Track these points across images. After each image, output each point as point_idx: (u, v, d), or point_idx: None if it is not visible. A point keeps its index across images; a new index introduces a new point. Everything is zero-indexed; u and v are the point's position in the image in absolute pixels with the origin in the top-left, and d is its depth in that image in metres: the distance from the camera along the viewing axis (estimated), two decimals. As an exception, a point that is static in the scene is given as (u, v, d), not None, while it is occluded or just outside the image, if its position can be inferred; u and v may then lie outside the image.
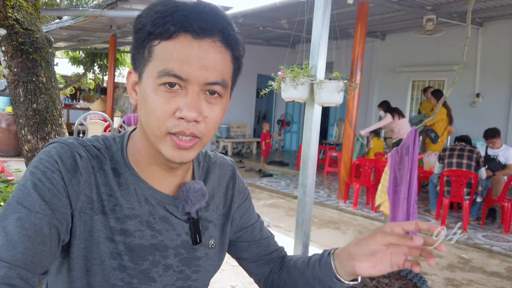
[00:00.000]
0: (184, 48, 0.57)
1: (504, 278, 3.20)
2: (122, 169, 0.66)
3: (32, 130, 2.72)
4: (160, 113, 0.58)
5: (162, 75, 0.57)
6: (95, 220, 0.62)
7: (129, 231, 0.64)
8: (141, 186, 0.66)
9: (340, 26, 6.11)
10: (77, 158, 0.61)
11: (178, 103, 0.58)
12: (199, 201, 0.70)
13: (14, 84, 2.69)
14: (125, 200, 0.64)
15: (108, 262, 0.62)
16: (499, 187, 4.52)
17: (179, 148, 0.60)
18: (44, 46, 2.75)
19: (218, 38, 0.59)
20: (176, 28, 0.56)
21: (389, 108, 5.95)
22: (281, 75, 2.56)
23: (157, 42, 0.58)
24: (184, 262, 0.70)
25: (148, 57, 0.59)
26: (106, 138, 0.68)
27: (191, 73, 0.57)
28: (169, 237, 0.68)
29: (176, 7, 0.57)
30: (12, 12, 2.66)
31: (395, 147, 2.43)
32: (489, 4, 5.90)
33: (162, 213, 0.67)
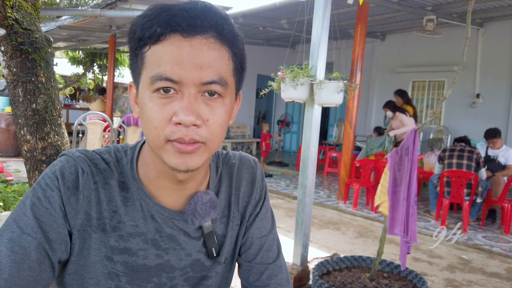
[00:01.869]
0: (174, 49, 0.53)
1: (504, 279, 3.19)
2: (130, 183, 0.63)
3: (31, 130, 2.72)
4: (156, 121, 0.55)
5: (155, 81, 0.54)
6: (93, 238, 0.59)
7: (132, 250, 0.61)
8: (148, 202, 0.62)
9: (340, 27, 6.11)
10: (79, 174, 0.59)
11: (174, 108, 0.54)
12: (208, 214, 0.64)
13: (13, 84, 2.68)
14: (129, 217, 0.61)
15: (104, 283, 0.60)
16: (499, 188, 4.51)
17: (182, 153, 0.55)
18: (43, 46, 2.74)
19: (211, 34, 0.55)
20: (163, 29, 0.53)
21: (396, 107, 5.95)
22: (281, 76, 2.55)
23: (147, 48, 0.55)
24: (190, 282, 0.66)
25: (141, 65, 0.56)
26: (118, 150, 0.65)
27: (184, 74, 0.53)
28: (177, 256, 0.64)
29: (163, 8, 0.54)
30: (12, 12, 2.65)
31: (395, 148, 2.42)
32: (489, 4, 5.89)
33: (169, 231, 0.63)
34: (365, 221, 4.69)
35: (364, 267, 2.70)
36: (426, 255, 3.65)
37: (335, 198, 5.66)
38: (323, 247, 3.67)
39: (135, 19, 0.57)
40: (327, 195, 5.84)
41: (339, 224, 4.50)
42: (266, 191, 0.77)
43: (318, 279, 2.36)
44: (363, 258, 2.74)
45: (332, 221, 4.63)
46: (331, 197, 5.75)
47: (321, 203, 5.32)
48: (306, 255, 2.77)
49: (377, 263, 2.47)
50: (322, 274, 2.58)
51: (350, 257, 2.75)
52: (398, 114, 5.85)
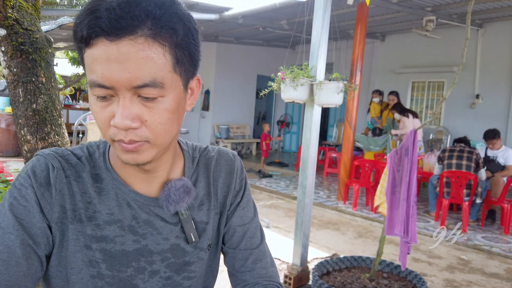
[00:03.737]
0: (102, 54, 0.51)
1: (503, 280, 3.19)
2: (104, 174, 0.65)
3: (31, 130, 2.72)
4: (100, 122, 0.57)
5: (91, 87, 0.54)
6: (70, 229, 0.61)
7: (109, 237, 0.63)
8: (123, 190, 0.65)
9: (340, 27, 6.12)
10: (50, 170, 0.61)
11: (113, 110, 0.55)
12: (182, 199, 0.66)
13: (13, 84, 2.69)
14: (104, 206, 0.63)
15: (86, 271, 0.62)
16: (499, 188, 4.52)
17: (128, 151, 0.57)
18: (44, 46, 2.75)
19: (141, 33, 0.51)
20: (88, 34, 0.51)
21: (403, 109, 5.97)
22: (281, 76, 2.56)
23: (84, 51, 0.54)
24: (172, 268, 0.67)
25: (84, 66, 0.56)
26: (91, 146, 0.68)
27: (113, 80, 0.52)
28: (154, 241, 0.65)
29: (89, 9, 0.51)
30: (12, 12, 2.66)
31: (394, 148, 2.43)
32: (489, 5, 5.90)
33: (145, 216, 0.65)
34: (365, 221, 4.69)
35: (363, 267, 2.70)
36: (425, 255, 3.66)
37: (334, 199, 5.66)
38: (323, 248, 3.67)
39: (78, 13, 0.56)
40: (327, 196, 5.84)
41: (338, 225, 4.50)
42: (246, 182, 0.78)
43: (318, 279, 2.37)
44: (362, 259, 2.74)
45: (331, 221, 4.63)
46: (331, 197, 5.76)
47: (321, 203, 5.33)
48: (306, 255, 2.77)
49: (377, 263, 2.47)
50: (322, 274, 2.58)
51: (349, 257, 2.75)
52: (401, 116, 5.89)
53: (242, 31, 8.16)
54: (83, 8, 0.53)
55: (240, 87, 10.11)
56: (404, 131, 5.76)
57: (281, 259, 3.33)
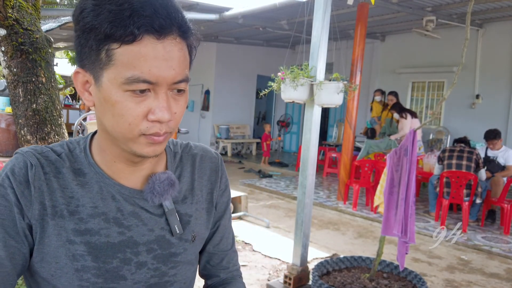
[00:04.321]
0: (150, 51, 0.54)
1: (503, 280, 3.19)
2: (86, 169, 0.66)
3: (31, 130, 2.72)
4: (131, 118, 0.57)
5: (131, 82, 0.55)
6: (51, 225, 0.62)
7: (94, 229, 0.63)
8: (107, 183, 0.66)
9: (340, 27, 6.12)
10: (28, 167, 0.62)
11: (149, 105, 0.57)
12: (167, 191, 0.68)
13: (13, 84, 2.69)
14: (87, 199, 0.64)
15: (70, 265, 0.62)
16: (499, 189, 4.52)
17: (153, 144, 0.60)
18: (43, 46, 2.75)
19: (177, 33, 0.57)
20: (139, 31, 0.53)
21: (402, 109, 5.97)
22: (281, 76, 2.56)
23: (117, 46, 0.54)
24: (159, 260, 0.68)
25: (108, 61, 0.55)
26: (71, 142, 0.69)
27: (160, 76, 0.56)
28: (139, 232, 0.66)
29: (132, 6, 0.53)
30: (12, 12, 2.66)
31: (394, 148, 2.42)
32: (489, 5, 5.91)
33: (131, 208, 0.66)
34: (365, 221, 4.69)
35: (363, 267, 2.70)
36: (425, 255, 3.66)
37: (334, 199, 5.66)
38: (323, 248, 3.67)
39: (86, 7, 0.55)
40: (327, 196, 5.84)
41: (338, 225, 4.51)
42: (228, 186, 0.83)
43: (317, 279, 2.37)
44: (362, 259, 2.74)
45: (331, 221, 4.63)
46: (331, 197, 5.76)
47: (321, 203, 5.33)
48: (306, 256, 2.77)
49: (377, 263, 2.47)
50: (322, 274, 2.58)
51: (349, 257, 2.75)
52: (400, 118, 5.90)
53: (242, 31, 8.17)
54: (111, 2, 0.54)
55: (240, 87, 10.11)
56: (402, 132, 5.77)
57: (281, 259, 3.33)
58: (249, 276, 2.97)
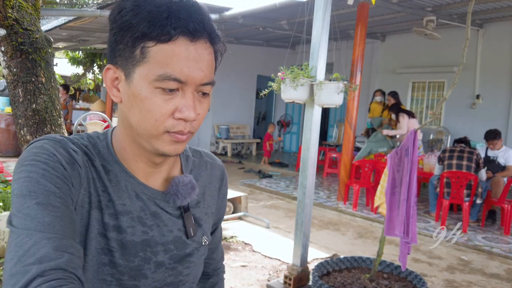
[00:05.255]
0: (183, 52, 0.58)
1: (503, 280, 3.19)
2: (111, 166, 0.66)
3: (31, 130, 2.71)
4: (158, 114, 0.59)
5: (162, 79, 0.57)
6: (92, 215, 0.62)
7: (122, 227, 0.64)
8: (132, 182, 0.66)
9: (340, 27, 6.12)
10: (72, 153, 0.60)
11: (176, 104, 0.59)
12: (189, 194, 0.70)
13: (13, 84, 2.68)
14: (117, 196, 0.65)
15: (98, 258, 0.62)
16: (499, 189, 4.52)
17: (176, 142, 0.62)
18: (43, 46, 2.74)
19: (207, 38, 0.60)
20: (176, 32, 0.57)
21: (399, 110, 5.97)
22: (281, 76, 2.55)
23: (152, 44, 0.57)
24: (175, 259, 0.70)
25: (141, 58, 0.58)
26: (90, 136, 0.68)
27: (189, 76, 0.58)
28: (160, 232, 0.68)
29: (170, 9, 0.57)
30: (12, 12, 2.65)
31: (395, 149, 2.42)
32: (489, 5, 5.90)
33: (153, 208, 0.68)
34: (365, 222, 4.69)
35: (364, 267, 2.70)
36: (426, 256, 3.65)
37: (334, 199, 5.66)
38: (323, 248, 3.67)
39: (126, 6, 0.58)
40: (327, 196, 5.84)
41: (338, 225, 4.50)
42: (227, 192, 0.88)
43: (318, 279, 2.36)
44: (363, 259, 2.74)
45: (332, 221, 4.62)
46: (331, 197, 5.75)
47: (321, 203, 5.32)
48: (306, 256, 2.77)
49: (377, 263, 2.47)
50: (322, 274, 2.58)
51: (350, 257, 2.75)
52: (398, 116, 5.90)
53: (242, 31, 8.16)
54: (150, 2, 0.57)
55: (240, 87, 10.11)
56: (400, 131, 5.77)
57: (281, 259, 3.32)
58: (249, 276, 2.97)
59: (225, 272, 0.93)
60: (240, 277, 2.94)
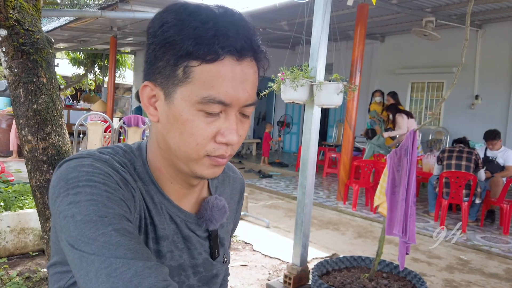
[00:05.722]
0: (229, 72, 0.53)
1: (503, 280, 3.20)
2: (148, 186, 0.62)
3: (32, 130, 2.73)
4: (200, 138, 0.55)
5: (206, 102, 0.53)
6: None
7: (162, 252, 0.62)
8: (166, 204, 0.64)
9: (339, 28, 6.13)
10: (122, 173, 0.57)
11: (219, 127, 0.55)
12: (222, 219, 0.69)
13: (14, 84, 2.70)
14: (158, 220, 0.62)
15: None
16: (498, 189, 4.53)
17: (216, 166, 0.59)
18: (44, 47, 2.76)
19: (252, 56, 0.56)
20: (224, 52, 0.52)
21: (397, 110, 5.99)
22: (281, 77, 2.57)
23: (197, 64, 0.53)
24: (204, 281, 0.69)
25: (184, 78, 0.54)
26: (125, 152, 0.63)
27: (235, 98, 0.55)
28: (190, 255, 0.66)
29: (217, 26, 0.53)
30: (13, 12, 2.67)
31: (394, 149, 2.43)
32: (488, 6, 5.92)
33: (186, 232, 0.66)
34: (364, 221, 4.70)
35: (363, 267, 2.71)
36: (425, 255, 3.67)
37: (334, 199, 5.67)
38: (323, 248, 3.68)
39: (169, 21, 0.54)
40: (327, 196, 5.85)
41: (338, 225, 4.51)
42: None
43: (317, 279, 2.38)
44: (362, 259, 2.75)
45: (331, 221, 4.64)
46: (331, 197, 5.77)
47: (321, 203, 5.34)
48: (305, 255, 2.78)
49: (376, 263, 2.48)
50: (322, 274, 2.59)
51: (349, 257, 2.76)
52: (396, 117, 5.91)
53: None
54: (197, 19, 0.53)
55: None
56: (400, 131, 5.78)
57: (281, 259, 3.33)
58: (249, 276, 2.98)
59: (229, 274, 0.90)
60: (240, 276, 2.96)
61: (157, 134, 0.61)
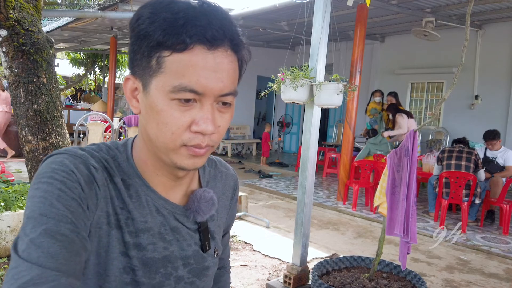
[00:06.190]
0: (200, 61, 0.54)
1: (502, 280, 3.21)
2: (131, 180, 0.63)
3: (32, 130, 2.73)
4: (175, 127, 0.56)
5: (178, 91, 0.54)
6: (111, 236, 0.60)
7: (142, 245, 0.62)
8: (152, 197, 0.64)
9: (339, 29, 6.14)
10: (92, 171, 0.58)
11: (193, 116, 0.56)
12: (210, 211, 0.69)
13: (15, 84, 2.70)
14: (138, 213, 0.62)
15: (120, 278, 0.61)
16: (498, 189, 4.53)
17: (194, 156, 0.59)
18: (45, 47, 2.76)
19: (229, 46, 0.57)
20: (192, 40, 0.53)
21: (397, 110, 5.99)
22: (281, 77, 2.57)
23: (168, 53, 0.54)
24: (194, 273, 0.69)
25: (157, 69, 0.55)
26: (110, 148, 0.65)
27: (207, 87, 0.55)
28: (179, 247, 0.67)
29: (187, 15, 0.54)
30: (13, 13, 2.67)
31: (394, 149, 2.44)
32: (488, 7, 5.92)
33: (174, 223, 0.66)
34: (364, 221, 4.71)
35: (363, 267, 2.72)
36: (425, 255, 3.67)
37: (334, 199, 5.67)
38: (323, 248, 3.69)
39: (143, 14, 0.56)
40: (327, 196, 5.86)
41: (338, 225, 4.52)
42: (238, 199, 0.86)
43: (317, 279, 2.38)
44: (362, 259, 2.75)
45: (331, 221, 4.64)
46: (331, 197, 5.77)
47: (321, 203, 5.34)
48: (305, 255, 2.79)
49: (376, 263, 2.49)
50: (322, 274, 2.60)
51: (349, 257, 2.76)
52: (396, 117, 5.91)
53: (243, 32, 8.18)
54: (167, 10, 0.54)
55: (240, 88, 9.93)
56: (400, 130, 5.79)
57: (280, 259, 3.34)
58: (249, 275, 2.99)
59: (230, 267, 0.93)
60: (240, 276, 2.96)
61: (141, 126, 0.63)
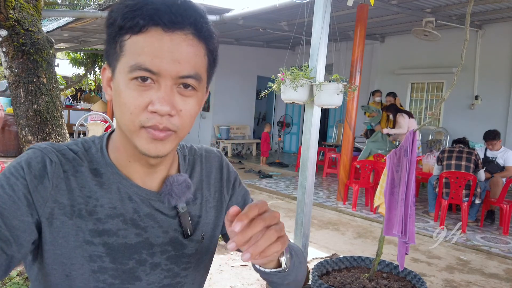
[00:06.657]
0: (155, 42, 0.56)
1: (502, 280, 3.21)
2: (103, 169, 0.65)
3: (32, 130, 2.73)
4: (132, 107, 0.57)
5: (133, 70, 0.56)
6: (69, 225, 0.61)
7: (112, 230, 0.63)
8: (124, 184, 0.65)
9: (339, 29, 6.14)
10: (47, 164, 0.60)
11: (151, 97, 0.57)
12: (184, 194, 0.69)
13: (14, 85, 2.70)
14: (106, 200, 0.64)
15: (87, 266, 0.62)
16: (498, 189, 4.53)
17: (154, 140, 0.59)
18: (45, 47, 2.76)
19: (190, 31, 0.58)
20: (145, 22, 0.56)
21: (397, 110, 5.99)
22: (281, 77, 2.57)
23: (127, 37, 0.57)
24: (172, 260, 0.69)
25: (120, 52, 0.58)
26: (86, 141, 0.68)
27: (162, 67, 0.56)
28: (155, 234, 0.67)
29: (146, 1, 0.56)
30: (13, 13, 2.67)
31: (394, 149, 2.44)
32: (488, 7, 5.93)
33: (147, 210, 0.67)
34: (364, 221, 4.71)
35: (363, 267, 2.72)
36: (425, 255, 3.67)
37: (334, 199, 5.67)
38: (323, 248, 3.69)
39: (115, 6, 0.59)
40: (327, 196, 5.86)
41: (338, 225, 4.52)
42: (237, 177, 0.83)
43: (317, 279, 2.38)
44: (362, 259, 2.75)
45: (331, 221, 4.64)
46: (331, 197, 5.77)
47: (321, 203, 5.34)
48: (305, 255, 2.79)
49: (376, 263, 2.49)
50: (322, 274, 2.60)
51: (349, 257, 2.76)
52: (397, 116, 5.91)
53: (243, 32, 8.18)
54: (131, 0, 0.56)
55: (241, 88, 10.13)
56: (401, 130, 5.78)
57: (280, 259, 3.34)
58: (249, 275, 2.99)
59: None
60: (240, 276, 2.96)
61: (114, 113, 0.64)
